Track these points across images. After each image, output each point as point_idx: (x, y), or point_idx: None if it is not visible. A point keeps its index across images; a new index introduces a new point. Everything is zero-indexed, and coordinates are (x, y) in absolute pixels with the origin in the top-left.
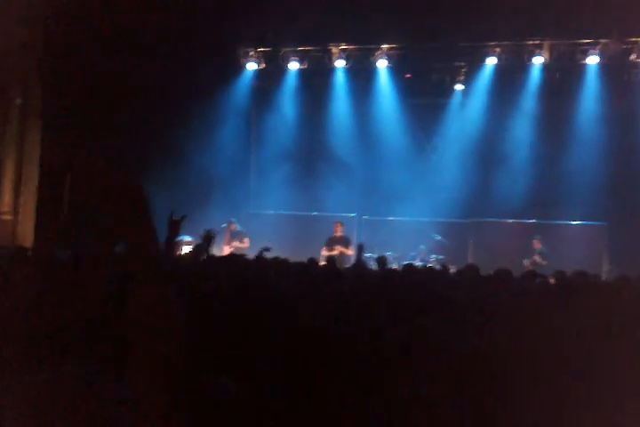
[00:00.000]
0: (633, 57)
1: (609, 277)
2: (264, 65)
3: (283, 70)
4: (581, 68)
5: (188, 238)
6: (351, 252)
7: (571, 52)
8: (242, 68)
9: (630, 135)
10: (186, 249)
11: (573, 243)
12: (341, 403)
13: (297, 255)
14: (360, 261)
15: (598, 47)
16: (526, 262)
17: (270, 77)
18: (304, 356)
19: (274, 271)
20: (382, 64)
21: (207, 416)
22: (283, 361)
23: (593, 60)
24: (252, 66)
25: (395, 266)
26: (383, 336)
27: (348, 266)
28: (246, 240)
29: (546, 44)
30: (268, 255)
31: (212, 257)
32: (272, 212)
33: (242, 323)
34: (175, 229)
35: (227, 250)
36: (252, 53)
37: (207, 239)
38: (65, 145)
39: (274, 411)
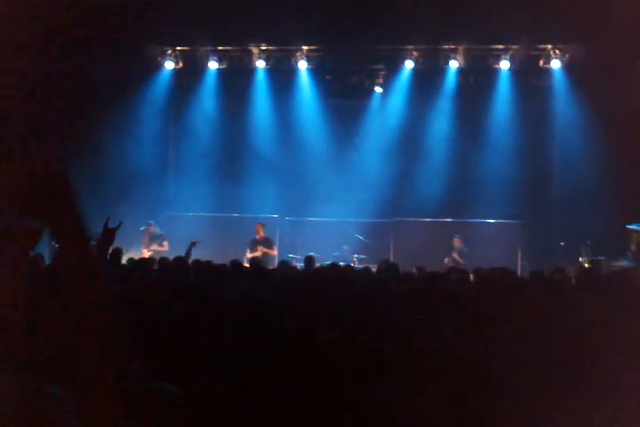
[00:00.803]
0: (541, 63)
1: (522, 272)
2: (183, 64)
3: (202, 69)
4: (494, 73)
5: None
6: (274, 252)
7: (484, 57)
8: (160, 66)
9: (540, 137)
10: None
11: (490, 240)
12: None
13: (219, 258)
14: (286, 261)
15: (509, 53)
16: (447, 260)
17: (190, 76)
18: (250, 359)
19: (200, 273)
20: (302, 65)
21: (152, 421)
22: (228, 365)
23: (505, 65)
24: (170, 64)
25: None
26: (317, 334)
27: (272, 267)
28: (165, 243)
29: (460, 48)
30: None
31: (135, 261)
32: (192, 214)
33: (176, 328)
34: (110, 237)
35: (145, 254)
36: (169, 52)
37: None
38: None
39: (219, 415)
